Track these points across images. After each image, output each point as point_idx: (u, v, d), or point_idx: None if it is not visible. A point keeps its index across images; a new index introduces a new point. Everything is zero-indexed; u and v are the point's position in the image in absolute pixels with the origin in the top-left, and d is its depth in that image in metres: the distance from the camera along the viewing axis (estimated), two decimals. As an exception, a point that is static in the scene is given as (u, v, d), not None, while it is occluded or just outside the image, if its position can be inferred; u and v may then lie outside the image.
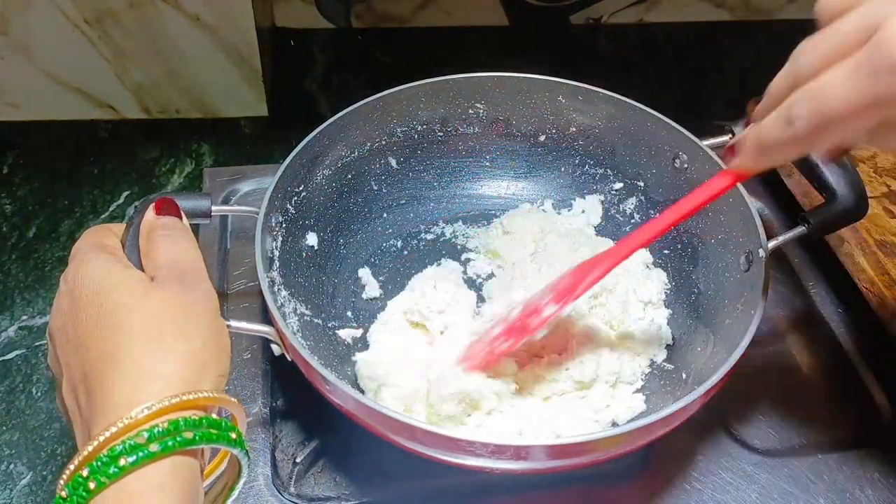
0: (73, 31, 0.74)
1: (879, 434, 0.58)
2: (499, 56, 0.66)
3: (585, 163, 0.69)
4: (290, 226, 0.59)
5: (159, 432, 0.32)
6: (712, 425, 0.57)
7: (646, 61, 0.94)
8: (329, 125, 0.60)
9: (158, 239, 0.42)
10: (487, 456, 0.43)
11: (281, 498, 0.52)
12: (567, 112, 0.67)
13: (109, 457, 0.32)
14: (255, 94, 0.81)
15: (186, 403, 0.34)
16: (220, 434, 0.35)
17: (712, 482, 0.54)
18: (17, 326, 0.63)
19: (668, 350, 0.59)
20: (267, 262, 0.53)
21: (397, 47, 0.93)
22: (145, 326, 0.36)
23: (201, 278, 0.41)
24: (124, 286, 0.38)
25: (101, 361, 0.35)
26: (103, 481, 0.31)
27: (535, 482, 0.53)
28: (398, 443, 0.45)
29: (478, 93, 0.66)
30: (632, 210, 0.67)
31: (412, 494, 0.53)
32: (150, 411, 0.33)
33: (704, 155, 0.59)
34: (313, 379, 0.47)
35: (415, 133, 0.67)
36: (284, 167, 0.57)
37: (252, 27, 0.76)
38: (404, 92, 0.64)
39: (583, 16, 0.97)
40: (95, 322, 0.36)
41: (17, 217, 0.72)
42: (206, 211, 0.51)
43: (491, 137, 0.69)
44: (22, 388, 0.59)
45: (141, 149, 0.80)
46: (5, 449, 0.56)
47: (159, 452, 0.32)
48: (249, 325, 0.48)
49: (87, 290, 0.37)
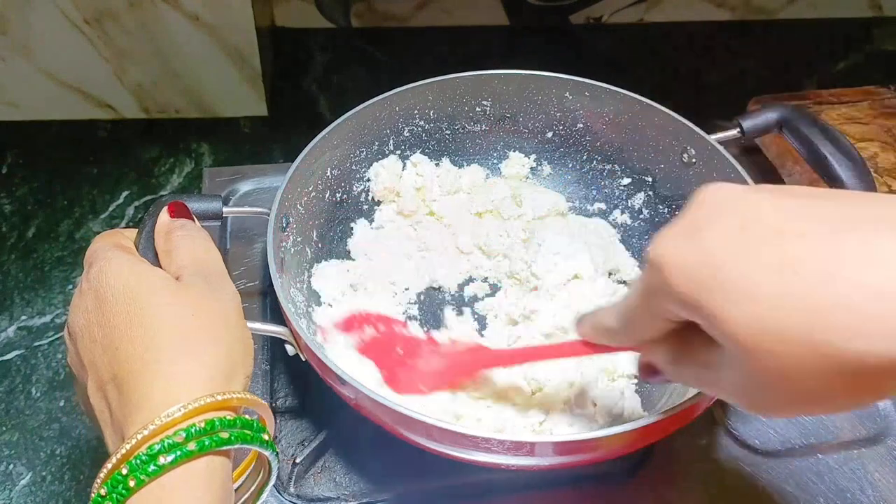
0: (73, 31, 0.74)
1: (879, 434, 0.58)
2: (499, 56, 0.67)
3: (593, 159, 0.68)
4: (301, 226, 0.59)
5: (196, 431, 0.33)
6: (712, 425, 0.57)
7: (646, 61, 0.94)
8: (338, 125, 0.60)
9: (178, 240, 0.42)
10: (504, 452, 0.43)
11: (281, 498, 0.52)
12: (574, 108, 0.66)
13: (148, 455, 0.32)
14: (255, 94, 0.81)
15: (220, 404, 0.34)
16: (254, 435, 0.35)
17: (712, 482, 0.54)
18: (17, 326, 0.63)
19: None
20: (279, 262, 0.53)
21: (397, 47, 0.93)
22: (176, 327, 0.36)
23: (226, 279, 0.41)
24: (152, 285, 0.38)
25: (132, 361, 0.35)
26: (142, 479, 0.32)
27: (536, 482, 0.53)
28: (413, 440, 0.46)
29: (485, 90, 0.66)
30: (640, 205, 0.67)
31: (412, 495, 0.53)
32: (186, 410, 0.33)
33: (713, 149, 0.59)
34: (329, 378, 0.47)
35: (422, 131, 0.67)
36: (294, 168, 0.56)
37: (252, 27, 0.76)
38: (411, 91, 0.64)
39: (583, 16, 0.97)
40: (125, 322, 0.36)
41: (16, 217, 0.72)
42: (218, 212, 0.51)
43: (498, 135, 0.69)
44: (21, 388, 0.59)
45: (140, 149, 0.80)
46: (5, 449, 0.56)
47: (196, 451, 0.33)
48: (264, 325, 0.48)
49: (113, 289, 0.37)
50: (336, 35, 0.94)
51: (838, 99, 0.76)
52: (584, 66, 0.66)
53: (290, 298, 0.52)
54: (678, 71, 0.93)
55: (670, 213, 0.65)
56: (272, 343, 0.60)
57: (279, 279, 0.51)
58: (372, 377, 0.53)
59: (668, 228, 0.33)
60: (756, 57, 0.95)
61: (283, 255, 0.55)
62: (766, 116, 0.60)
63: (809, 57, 0.96)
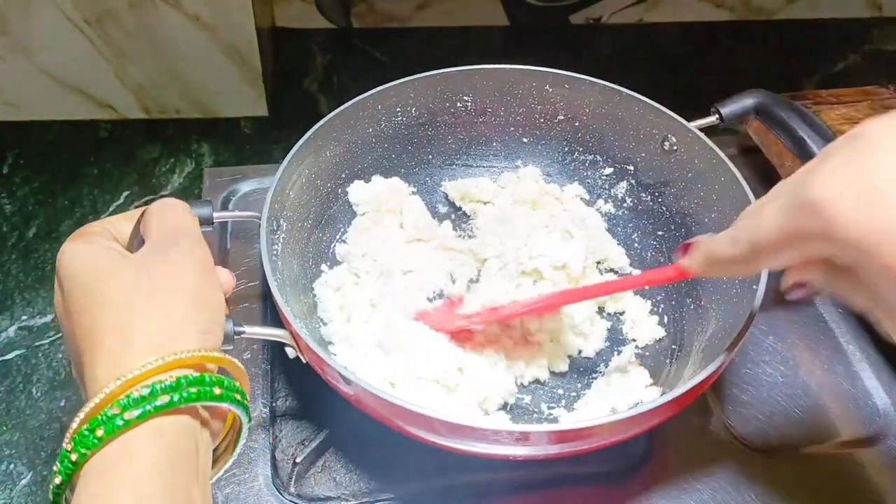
0: (73, 31, 0.74)
1: (879, 434, 0.58)
2: (499, 56, 0.67)
3: (575, 150, 0.69)
4: (291, 227, 0.59)
5: (133, 400, 0.33)
6: (712, 425, 0.57)
7: (646, 61, 0.94)
8: (322, 126, 0.61)
9: (152, 213, 0.43)
10: (512, 444, 0.44)
11: (281, 498, 0.52)
12: (554, 101, 0.67)
13: (89, 429, 0.33)
14: (255, 94, 0.81)
15: (165, 367, 0.34)
16: (202, 391, 0.35)
17: (712, 482, 0.54)
18: (17, 326, 0.63)
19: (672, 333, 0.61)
20: (274, 265, 0.53)
21: (398, 47, 0.93)
22: (119, 298, 0.37)
23: (188, 240, 0.41)
24: (103, 266, 0.38)
25: (85, 338, 0.36)
26: (84, 452, 0.33)
27: (536, 482, 0.54)
28: (416, 435, 0.46)
29: (465, 86, 0.67)
30: (623, 194, 0.68)
31: (413, 494, 0.53)
32: (124, 381, 0.33)
33: (693, 136, 0.60)
34: (331, 379, 0.47)
35: (404, 128, 0.67)
36: (281, 172, 0.57)
37: (252, 27, 0.76)
38: (393, 89, 0.64)
39: (583, 16, 0.97)
40: (80, 306, 0.37)
41: (16, 217, 0.72)
42: (209, 218, 0.51)
43: (480, 129, 0.69)
44: (22, 388, 0.59)
45: (141, 149, 0.80)
46: (5, 449, 0.56)
47: (136, 419, 0.33)
48: (263, 329, 0.49)
49: (68, 278, 0.38)
50: (336, 35, 0.94)
51: (838, 99, 0.76)
52: (583, 67, 0.66)
53: (287, 300, 0.52)
54: (678, 71, 0.93)
55: (653, 200, 0.66)
56: (272, 343, 0.60)
57: (275, 282, 0.51)
58: (376, 376, 0.53)
59: (832, 166, 0.31)
60: (756, 57, 0.95)
61: (276, 259, 0.55)
62: (744, 102, 0.62)
63: (809, 57, 0.96)
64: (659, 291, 0.63)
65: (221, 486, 0.52)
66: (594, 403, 0.55)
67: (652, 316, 0.62)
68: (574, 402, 0.57)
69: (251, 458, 0.54)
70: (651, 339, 0.60)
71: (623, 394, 0.55)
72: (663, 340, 0.60)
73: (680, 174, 0.62)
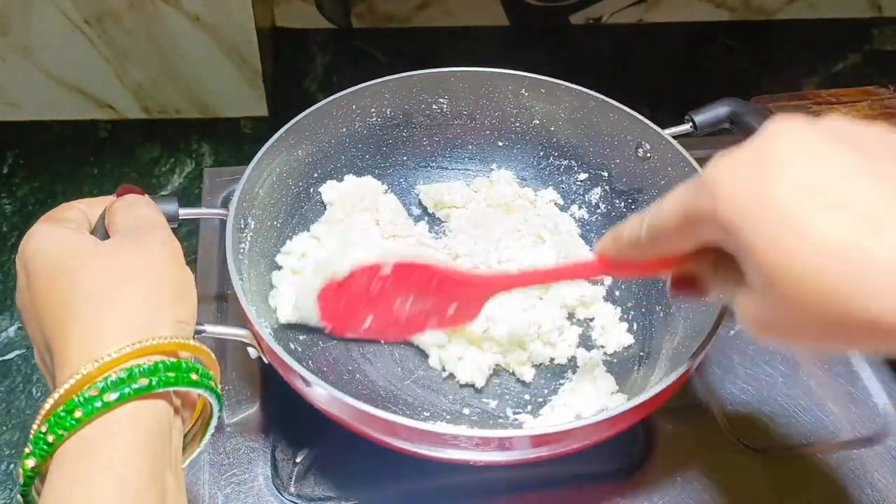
0: (73, 31, 0.74)
1: (879, 434, 0.58)
2: (498, 56, 0.67)
3: (550, 154, 0.69)
4: (260, 225, 0.59)
5: (112, 382, 0.33)
6: (713, 425, 0.57)
7: (645, 61, 0.95)
8: (294, 124, 0.60)
9: (116, 209, 0.43)
10: (472, 448, 0.43)
11: (281, 498, 0.52)
12: (530, 105, 0.67)
13: (66, 410, 0.33)
14: (255, 94, 0.82)
15: (141, 351, 0.35)
16: (179, 376, 0.35)
17: (712, 482, 0.54)
18: (17, 326, 0.63)
19: (639, 338, 0.60)
20: (239, 263, 0.53)
21: (398, 47, 0.93)
22: (93, 283, 0.37)
23: (154, 228, 0.41)
24: (72, 250, 0.38)
25: (54, 327, 0.36)
26: (61, 434, 0.33)
27: (535, 482, 0.54)
28: (378, 439, 0.46)
29: (441, 88, 0.66)
30: (597, 200, 0.68)
31: (413, 494, 0.53)
32: (101, 363, 0.34)
33: (667, 143, 0.60)
34: (292, 379, 0.47)
35: (379, 129, 0.67)
36: (249, 170, 0.56)
37: (252, 27, 0.76)
38: (368, 89, 0.64)
39: (583, 16, 0.97)
40: (46, 290, 0.37)
41: (16, 217, 0.72)
42: (174, 215, 0.51)
43: (455, 132, 0.69)
44: (22, 388, 0.60)
45: (141, 149, 0.80)
46: (5, 449, 0.56)
47: (115, 402, 0.33)
48: (225, 328, 0.48)
49: (34, 261, 0.38)
50: (336, 35, 0.94)
51: (837, 99, 0.76)
52: (583, 67, 0.66)
53: (251, 299, 0.52)
54: (677, 71, 0.93)
55: (626, 207, 0.65)
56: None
57: (240, 282, 0.50)
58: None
59: (729, 154, 0.32)
60: (755, 57, 0.95)
61: (243, 258, 0.55)
62: (717, 111, 0.62)
63: (809, 57, 0.96)
64: (629, 298, 0.62)
65: (221, 486, 0.52)
66: (559, 410, 0.55)
67: (621, 322, 0.61)
68: (540, 409, 0.56)
69: (251, 458, 0.54)
70: (620, 346, 0.59)
71: (589, 400, 0.54)
72: (632, 347, 0.60)
73: (653, 181, 0.62)
